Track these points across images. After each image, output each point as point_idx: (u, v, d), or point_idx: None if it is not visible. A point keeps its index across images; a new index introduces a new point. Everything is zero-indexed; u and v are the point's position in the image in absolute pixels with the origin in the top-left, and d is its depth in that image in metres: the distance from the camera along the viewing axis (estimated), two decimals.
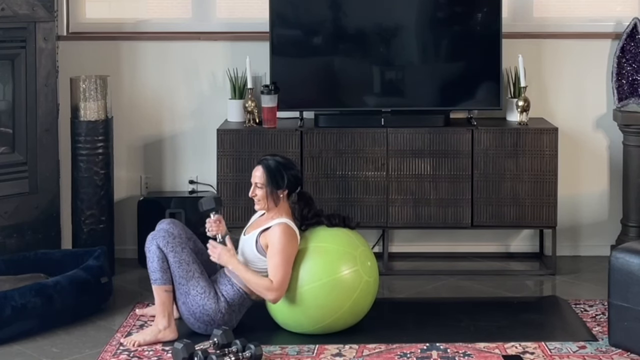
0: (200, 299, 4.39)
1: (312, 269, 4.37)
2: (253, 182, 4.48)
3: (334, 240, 4.47)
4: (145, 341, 4.35)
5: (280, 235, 4.37)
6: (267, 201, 4.45)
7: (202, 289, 4.40)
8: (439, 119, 5.43)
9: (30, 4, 5.21)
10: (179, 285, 4.41)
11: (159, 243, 4.39)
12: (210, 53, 5.74)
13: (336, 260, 4.40)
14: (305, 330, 4.44)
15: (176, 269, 4.40)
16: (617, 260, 4.16)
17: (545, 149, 5.33)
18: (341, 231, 4.52)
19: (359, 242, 4.51)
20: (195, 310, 4.40)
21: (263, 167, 4.46)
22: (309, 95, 5.53)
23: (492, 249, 5.80)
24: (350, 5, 5.49)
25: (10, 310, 4.40)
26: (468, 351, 4.23)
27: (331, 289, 4.35)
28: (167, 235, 4.41)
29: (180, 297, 4.42)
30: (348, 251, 4.43)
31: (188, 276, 4.40)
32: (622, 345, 4.20)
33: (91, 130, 5.35)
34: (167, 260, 4.39)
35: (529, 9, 5.74)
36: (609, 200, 5.76)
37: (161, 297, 4.40)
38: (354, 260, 4.41)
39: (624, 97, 5.57)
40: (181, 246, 4.42)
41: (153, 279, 4.40)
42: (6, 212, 5.14)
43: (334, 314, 4.38)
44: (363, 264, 4.43)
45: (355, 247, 4.46)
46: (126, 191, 5.79)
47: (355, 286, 4.38)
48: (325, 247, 4.44)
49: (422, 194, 5.35)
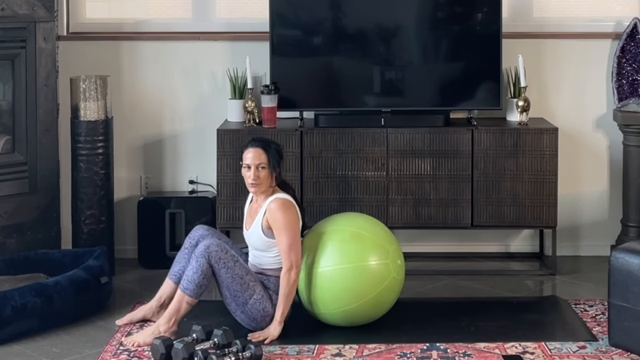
0: (260, 304, 4.42)
1: (346, 251, 4.46)
2: (253, 165, 4.45)
3: (372, 230, 4.57)
4: (145, 342, 4.35)
5: (278, 212, 4.41)
6: (269, 182, 4.48)
7: (259, 294, 4.42)
8: (439, 119, 5.43)
9: (30, 4, 5.21)
10: (235, 297, 4.41)
11: (212, 259, 4.36)
12: (210, 53, 5.74)
13: (370, 249, 4.49)
14: (328, 313, 4.46)
15: (230, 284, 4.39)
16: (617, 260, 4.16)
17: (545, 149, 5.33)
18: (380, 225, 4.64)
19: (393, 240, 4.60)
20: (257, 316, 4.43)
21: (261, 147, 4.48)
22: (309, 95, 5.53)
23: (492, 249, 5.80)
24: (350, 5, 5.50)
25: (10, 310, 4.40)
26: (468, 351, 4.23)
27: (360, 274, 4.43)
28: (219, 250, 4.38)
29: (238, 307, 4.43)
30: (383, 244, 4.52)
31: (243, 288, 4.40)
32: (622, 345, 4.20)
33: (91, 130, 5.35)
34: (214, 276, 4.38)
35: (529, 9, 5.74)
36: (609, 200, 5.76)
37: (181, 306, 4.38)
38: (386, 254, 4.49)
39: (624, 97, 5.57)
40: (233, 260, 4.41)
41: (185, 286, 4.37)
42: (6, 212, 5.14)
43: (358, 300, 4.42)
44: (394, 260, 4.50)
45: (390, 243, 4.55)
46: (126, 191, 5.79)
47: (383, 278, 4.46)
48: (363, 234, 4.52)
49: (422, 194, 5.35)
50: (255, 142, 4.52)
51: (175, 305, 4.40)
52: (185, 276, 4.39)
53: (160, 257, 5.54)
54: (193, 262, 4.37)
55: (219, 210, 5.37)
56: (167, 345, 4.11)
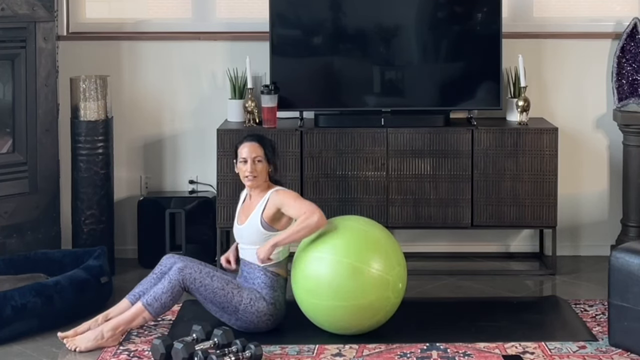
0: (252, 307, 4.40)
1: (340, 288, 4.26)
2: (250, 158, 4.47)
3: (370, 259, 4.29)
4: (86, 347, 4.29)
5: (285, 193, 4.47)
6: (265, 175, 4.51)
7: (247, 298, 4.40)
8: (439, 119, 5.43)
9: (30, 4, 5.21)
10: (224, 309, 4.40)
11: (186, 282, 4.35)
12: (210, 53, 5.74)
13: (367, 285, 4.27)
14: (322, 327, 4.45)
15: (213, 298, 4.38)
16: (617, 260, 4.16)
17: (545, 148, 5.33)
18: (382, 248, 4.35)
19: (395, 261, 4.35)
20: (253, 319, 4.41)
21: (256, 141, 4.52)
22: (309, 95, 5.53)
23: (492, 249, 5.80)
24: (350, 5, 5.50)
25: (10, 310, 4.40)
26: (468, 351, 4.23)
27: (355, 312, 4.30)
28: (194, 272, 4.37)
29: (231, 316, 4.42)
30: (382, 275, 4.30)
31: (228, 298, 4.39)
32: (622, 345, 4.20)
33: (91, 130, 5.35)
34: (193, 296, 4.38)
35: (529, 9, 5.74)
36: (609, 200, 5.76)
37: (135, 319, 4.35)
38: (386, 286, 4.31)
39: (624, 97, 5.57)
40: (209, 276, 4.40)
41: (148, 302, 4.33)
42: (6, 212, 5.14)
43: (352, 329, 4.37)
44: (394, 287, 4.34)
45: (391, 268, 4.32)
46: (126, 191, 5.79)
47: (380, 309, 4.34)
48: (360, 267, 4.27)
49: (422, 194, 5.35)
50: (250, 137, 4.56)
51: (129, 316, 4.36)
52: (153, 293, 4.35)
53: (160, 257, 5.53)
54: (165, 282, 4.35)
55: (219, 210, 5.37)
56: (167, 345, 4.11)
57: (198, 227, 5.53)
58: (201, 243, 5.56)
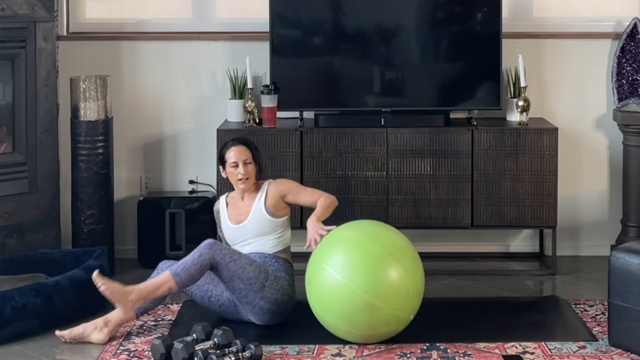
0: (277, 283, 4.47)
1: (354, 318, 4.20)
2: (240, 161, 4.61)
3: (388, 297, 4.18)
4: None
5: (283, 181, 4.72)
6: (255, 176, 4.66)
7: (272, 275, 4.48)
8: (439, 119, 5.43)
9: (30, 4, 5.21)
10: (251, 285, 4.41)
11: (217, 256, 4.36)
12: (210, 53, 5.74)
13: (380, 320, 4.21)
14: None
15: (242, 273, 4.40)
16: (617, 260, 4.16)
17: (545, 149, 5.33)
18: (402, 284, 4.21)
19: (414, 293, 4.24)
20: (278, 296, 4.47)
21: (242, 144, 4.67)
22: (309, 95, 5.53)
23: (492, 249, 5.80)
24: (350, 5, 5.50)
25: (10, 310, 4.40)
26: (468, 351, 4.23)
27: (364, 337, 4.28)
28: (223, 248, 4.42)
29: (256, 294, 4.43)
30: (397, 314, 4.22)
31: (256, 272, 4.43)
32: (622, 345, 4.20)
33: (91, 130, 5.35)
34: (219, 276, 4.40)
35: (529, 9, 5.74)
36: (609, 200, 5.76)
37: (161, 287, 4.36)
38: (397, 321, 4.26)
39: (624, 97, 5.57)
40: (237, 253, 4.46)
41: (176, 272, 4.33)
42: (6, 212, 5.14)
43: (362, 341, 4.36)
44: (407, 320, 4.29)
45: (407, 301, 4.22)
46: (126, 191, 5.79)
47: (390, 332, 4.31)
48: (376, 305, 4.16)
49: (422, 194, 5.35)
50: (235, 141, 4.71)
51: (156, 283, 4.39)
52: (182, 263, 4.38)
53: (160, 257, 5.51)
54: (195, 255, 4.37)
55: None
56: (167, 345, 4.11)
57: (198, 227, 5.53)
58: None
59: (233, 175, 4.65)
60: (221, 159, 4.71)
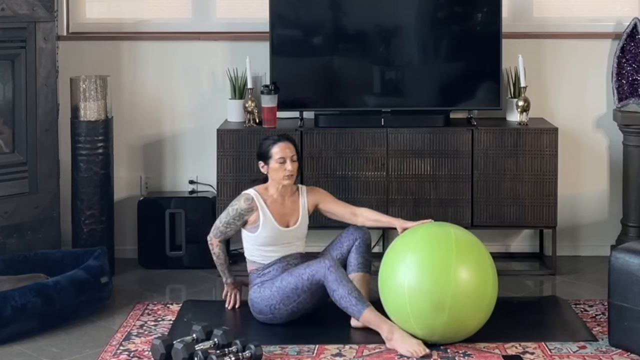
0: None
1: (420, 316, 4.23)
2: (288, 157, 4.58)
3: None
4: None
5: (321, 191, 4.75)
6: (297, 173, 4.69)
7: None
8: (439, 119, 5.43)
9: (30, 4, 5.21)
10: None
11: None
12: (210, 53, 5.75)
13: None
14: None
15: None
16: (617, 260, 4.16)
17: (545, 149, 5.33)
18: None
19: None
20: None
21: (289, 140, 4.65)
22: (309, 95, 5.53)
23: (492, 249, 5.77)
24: (350, 5, 5.50)
25: (10, 310, 4.40)
26: (468, 351, 4.23)
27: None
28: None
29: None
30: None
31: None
32: (622, 345, 4.20)
33: (91, 130, 5.35)
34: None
35: (529, 9, 5.74)
36: (609, 200, 5.76)
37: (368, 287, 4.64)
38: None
39: (624, 97, 5.57)
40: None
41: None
42: (6, 212, 5.14)
43: None
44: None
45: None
46: (126, 191, 5.79)
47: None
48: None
49: (422, 194, 5.35)
50: (282, 137, 4.67)
51: (363, 288, 4.57)
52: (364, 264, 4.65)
53: (160, 257, 5.55)
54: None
55: (219, 210, 5.36)
56: (167, 345, 4.11)
57: (198, 227, 5.53)
58: (201, 243, 5.53)
59: (278, 171, 4.57)
60: (264, 154, 4.62)
